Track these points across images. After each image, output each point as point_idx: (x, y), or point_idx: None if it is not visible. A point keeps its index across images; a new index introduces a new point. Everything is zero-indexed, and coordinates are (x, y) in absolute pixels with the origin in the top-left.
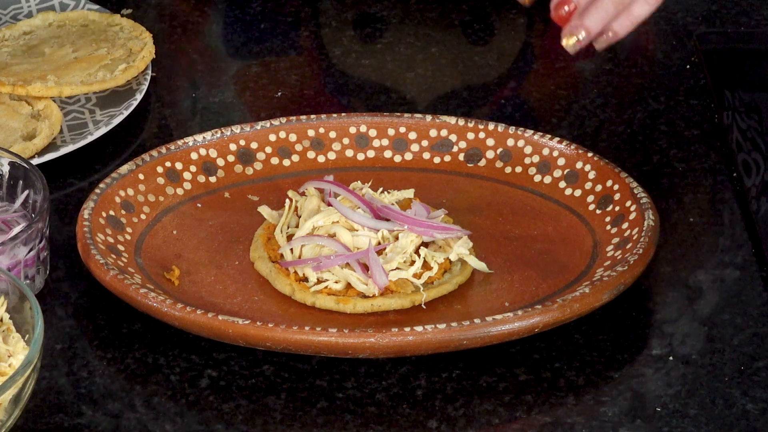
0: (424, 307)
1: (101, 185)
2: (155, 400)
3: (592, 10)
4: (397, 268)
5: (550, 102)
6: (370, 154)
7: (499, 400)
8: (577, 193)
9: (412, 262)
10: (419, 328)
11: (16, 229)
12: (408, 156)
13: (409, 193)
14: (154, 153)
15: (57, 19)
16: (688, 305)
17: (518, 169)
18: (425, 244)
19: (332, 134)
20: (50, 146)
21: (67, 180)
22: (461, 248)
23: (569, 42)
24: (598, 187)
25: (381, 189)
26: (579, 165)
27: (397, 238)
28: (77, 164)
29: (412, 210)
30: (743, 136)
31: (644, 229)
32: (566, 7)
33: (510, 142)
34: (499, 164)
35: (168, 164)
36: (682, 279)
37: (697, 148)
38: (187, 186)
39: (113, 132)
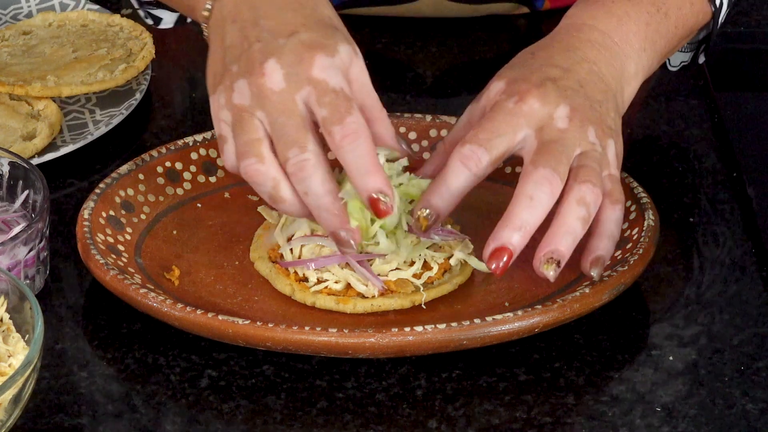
0: (424, 307)
1: (101, 185)
2: (155, 400)
3: (557, 233)
4: (397, 269)
5: None
6: None
7: (499, 400)
8: None
9: (412, 263)
10: (419, 328)
11: (16, 229)
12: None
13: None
14: (154, 153)
15: (57, 19)
16: (688, 305)
17: (518, 169)
18: None
19: None
20: (50, 146)
21: (67, 180)
22: (461, 254)
23: (548, 272)
24: None
25: None
26: None
27: None
28: (77, 164)
29: None
30: (743, 136)
31: (644, 229)
32: (502, 262)
33: None
34: (499, 165)
35: (168, 164)
36: (682, 279)
37: (697, 148)
38: (187, 186)
39: (113, 132)
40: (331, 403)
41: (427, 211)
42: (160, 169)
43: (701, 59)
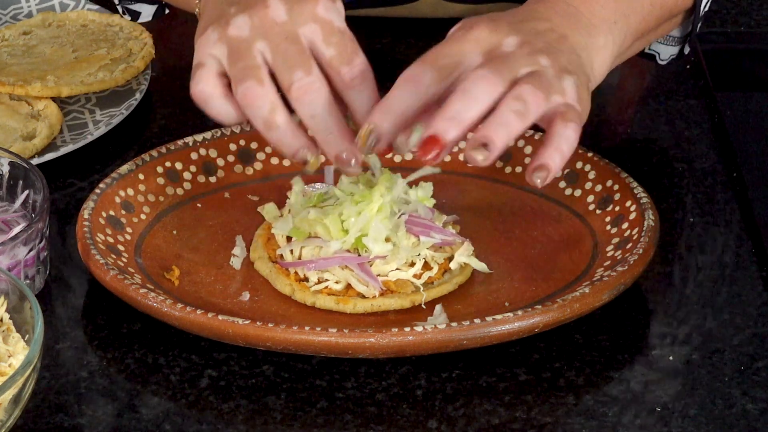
0: (424, 307)
1: (101, 185)
2: (155, 400)
3: (490, 122)
4: (397, 269)
5: None
6: None
7: (499, 400)
8: (577, 193)
9: (413, 263)
10: (419, 328)
11: (16, 229)
12: (408, 156)
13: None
14: (154, 153)
15: (57, 19)
16: (688, 305)
17: (518, 169)
18: None
19: None
20: (50, 146)
21: (67, 180)
22: (462, 257)
23: (477, 155)
24: (598, 187)
25: None
26: (579, 165)
27: None
28: (77, 164)
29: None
30: (743, 136)
31: (644, 229)
32: (433, 152)
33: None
34: (499, 164)
35: (168, 164)
36: (682, 279)
37: (697, 148)
38: (187, 186)
39: (113, 132)
40: (331, 403)
41: (370, 128)
42: (160, 169)
43: (686, 50)
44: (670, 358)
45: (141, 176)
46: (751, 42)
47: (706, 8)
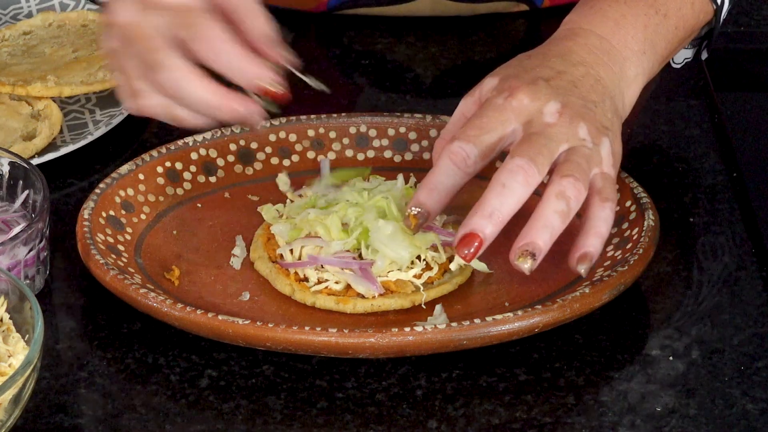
0: (424, 307)
1: (101, 185)
2: (155, 400)
3: (534, 226)
4: (397, 269)
5: None
6: (370, 154)
7: (499, 400)
8: None
9: (413, 263)
10: (419, 328)
11: (16, 229)
12: (408, 156)
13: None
14: (154, 153)
15: (57, 19)
16: (688, 305)
17: None
18: None
19: (332, 134)
20: (50, 146)
21: (67, 180)
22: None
23: (523, 265)
24: None
25: None
26: None
27: None
28: (77, 164)
29: None
30: (743, 136)
31: (644, 229)
32: (472, 248)
33: None
34: (499, 164)
35: (168, 164)
36: (682, 279)
37: (697, 148)
38: (187, 186)
39: (113, 132)
40: (331, 403)
41: (417, 209)
42: (160, 169)
43: (704, 55)
44: (670, 358)
45: (141, 176)
46: (751, 42)
47: (725, 16)
